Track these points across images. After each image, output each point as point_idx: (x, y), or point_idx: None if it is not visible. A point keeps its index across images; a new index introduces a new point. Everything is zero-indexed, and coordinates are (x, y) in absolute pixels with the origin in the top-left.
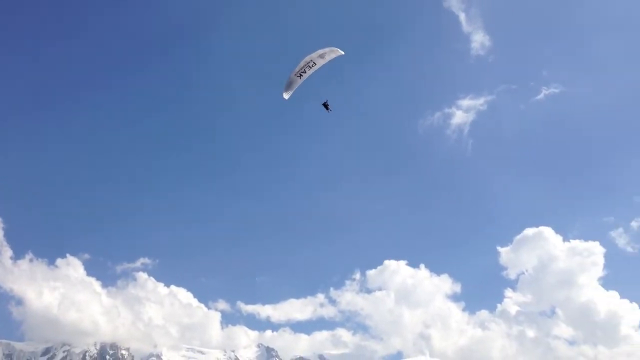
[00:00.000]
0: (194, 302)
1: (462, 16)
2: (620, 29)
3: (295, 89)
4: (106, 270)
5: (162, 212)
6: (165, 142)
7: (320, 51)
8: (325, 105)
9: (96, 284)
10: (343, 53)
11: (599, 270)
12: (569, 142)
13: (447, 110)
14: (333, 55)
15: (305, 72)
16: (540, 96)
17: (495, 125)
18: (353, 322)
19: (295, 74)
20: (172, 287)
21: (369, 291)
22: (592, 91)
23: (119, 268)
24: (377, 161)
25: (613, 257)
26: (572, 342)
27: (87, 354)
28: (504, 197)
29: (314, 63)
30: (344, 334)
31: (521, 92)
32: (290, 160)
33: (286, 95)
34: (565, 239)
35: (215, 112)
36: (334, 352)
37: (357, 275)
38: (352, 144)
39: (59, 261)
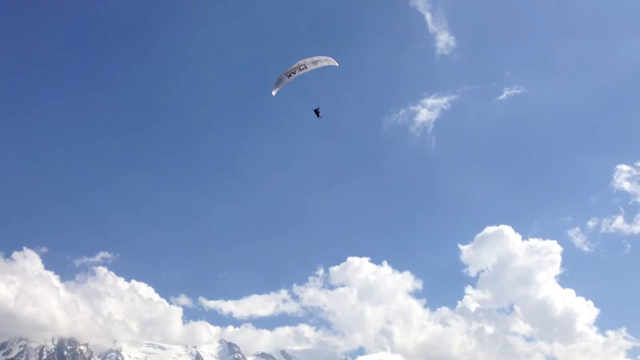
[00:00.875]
0: (155, 297)
1: (427, 16)
2: (579, 34)
3: (282, 87)
4: (65, 264)
5: (124, 206)
6: (126, 135)
7: (315, 58)
8: (316, 112)
9: (54, 278)
10: (337, 65)
11: (556, 269)
12: (529, 143)
13: (412, 107)
14: (326, 64)
15: (294, 73)
16: (503, 96)
17: (459, 125)
18: (316, 318)
19: (286, 74)
20: (133, 281)
21: (332, 287)
22: (551, 93)
23: (77, 262)
24: (341, 158)
25: (570, 256)
26: (529, 339)
27: (44, 349)
28: (465, 195)
29: (305, 67)
30: (306, 329)
31: (484, 92)
32: (254, 157)
33: (274, 92)
34: (524, 237)
35: (179, 106)
36: (297, 348)
37: (321, 272)
38: (316, 141)
39: (15, 254)
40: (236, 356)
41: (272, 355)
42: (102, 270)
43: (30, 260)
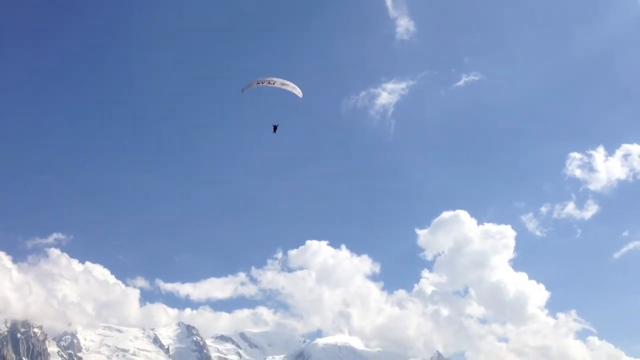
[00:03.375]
0: (111, 279)
1: (388, 1)
2: (537, 22)
3: (248, 89)
4: (16, 245)
5: (77, 188)
6: (83, 117)
7: (287, 82)
8: (275, 128)
9: (6, 259)
10: (300, 97)
11: (509, 253)
12: (486, 129)
13: (372, 90)
14: (291, 90)
15: (262, 83)
16: (461, 83)
17: (417, 110)
18: (274, 300)
19: (257, 81)
20: (88, 263)
21: (290, 270)
22: (508, 81)
23: (29, 243)
24: (300, 141)
25: (523, 240)
26: (483, 321)
27: None
28: (423, 180)
29: (274, 83)
30: (264, 312)
31: (442, 78)
32: (211, 139)
33: (243, 92)
34: (480, 222)
35: (138, 91)
36: (255, 330)
37: (279, 255)
38: (273, 122)
39: None
40: (195, 339)
41: (231, 338)
42: (55, 251)
43: None
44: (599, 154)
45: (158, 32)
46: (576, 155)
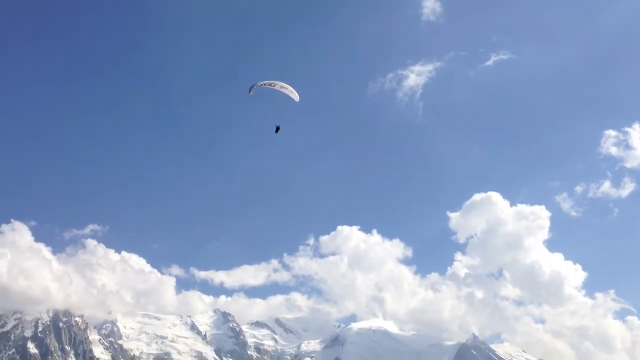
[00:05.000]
0: (147, 267)
1: None
2: None
3: (254, 90)
4: (54, 236)
5: (111, 179)
6: (115, 108)
7: (286, 85)
8: (277, 128)
9: (45, 250)
10: (297, 101)
11: (544, 234)
12: (517, 109)
13: (400, 72)
14: (288, 94)
15: (264, 85)
16: (489, 62)
17: (446, 91)
18: (307, 286)
19: (260, 83)
20: (124, 253)
21: (322, 256)
22: (539, 58)
23: (67, 235)
24: (329, 126)
25: (558, 221)
26: (518, 303)
27: (39, 321)
28: (453, 163)
29: (274, 85)
30: (298, 298)
31: (471, 58)
32: (242, 128)
33: (250, 93)
34: (513, 203)
35: (167, 81)
36: (290, 316)
37: (311, 241)
38: (303, 110)
39: (4, 227)
40: (231, 325)
41: (266, 324)
42: (91, 242)
43: (19, 233)
44: (634, 130)
45: (183, 25)
46: (611, 132)
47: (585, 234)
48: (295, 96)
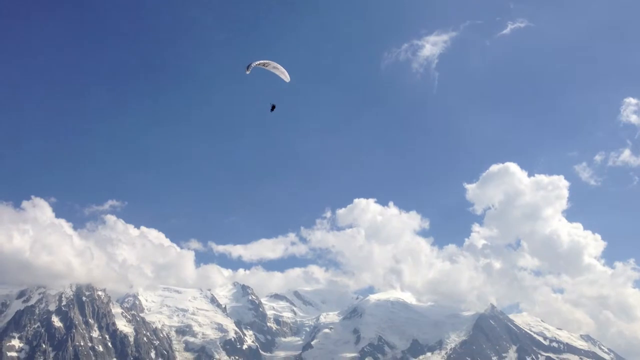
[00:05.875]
0: (166, 242)
1: None
2: None
3: (251, 68)
4: (74, 212)
5: (129, 155)
6: (131, 84)
7: (279, 66)
8: (273, 107)
9: (66, 226)
10: (287, 81)
11: (563, 204)
12: (534, 78)
13: (415, 42)
14: (279, 75)
15: (259, 65)
16: (506, 31)
17: (462, 61)
18: (325, 259)
19: (256, 63)
20: (143, 228)
21: (339, 229)
22: (557, 26)
23: (87, 211)
24: (344, 98)
25: (577, 191)
26: (537, 273)
27: (62, 295)
28: (470, 134)
29: (267, 65)
30: (316, 270)
31: (487, 27)
32: (259, 102)
33: (248, 71)
34: (531, 174)
35: (182, 54)
36: (308, 288)
37: (328, 214)
38: (318, 82)
39: (24, 203)
40: (250, 298)
41: (285, 296)
42: (111, 218)
43: (40, 209)
44: None
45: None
46: (631, 100)
47: (605, 203)
48: (285, 77)
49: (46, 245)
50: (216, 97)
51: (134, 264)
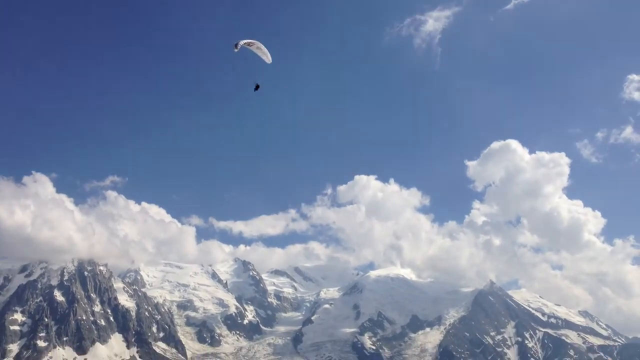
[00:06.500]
0: (167, 218)
1: None
2: None
3: (239, 47)
4: (75, 188)
5: (129, 131)
6: (133, 60)
7: (262, 47)
8: (257, 86)
9: (68, 201)
10: (269, 63)
11: (563, 181)
12: (537, 54)
13: (418, 17)
14: (261, 55)
15: (245, 42)
16: (509, 6)
17: (464, 37)
18: (325, 235)
19: (244, 42)
20: (144, 204)
21: (340, 205)
22: (559, 1)
23: (87, 186)
24: (344, 74)
25: (578, 168)
26: (536, 250)
27: (65, 270)
28: (472, 110)
29: (252, 45)
30: (316, 247)
31: (490, 2)
32: (261, 77)
33: (235, 49)
34: (532, 151)
35: (184, 30)
36: (308, 264)
37: (329, 191)
38: (319, 57)
39: (25, 179)
40: (251, 273)
41: (285, 272)
42: (112, 193)
43: (41, 185)
44: None
45: None
46: (634, 77)
47: (606, 180)
48: (267, 58)
49: (48, 221)
50: (217, 72)
51: (135, 240)
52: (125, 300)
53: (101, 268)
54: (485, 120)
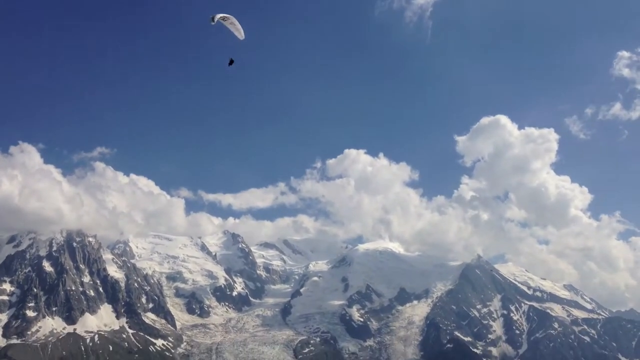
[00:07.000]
0: (156, 190)
1: None
2: None
3: (216, 19)
4: (62, 159)
5: (118, 102)
6: (122, 31)
7: (236, 22)
8: (231, 61)
9: (55, 172)
10: (241, 39)
11: (552, 156)
12: (528, 29)
13: None
14: (233, 31)
15: (221, 17)
16: None
17: (456, 10)
18: (314, 209)
19: (220, 16)
20: (132, 175)
21: (329, 179)
22: None
23: (75, 157)
24: (334, 47)
25: (566, 144)
26: (523, 225)
27: (53, 241)
28: (461, 85)
29: (226, 20)
30: (305, 220)
31: None
32: (247, 49)
33: (212, 22)
34: (521, 126)
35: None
36: (297, 237)
37: (318, 164)
38: (309, 31)
39: (12, 149)
40: (240, 246)
41: (274, 245)
42: (100, 165)
43: (28, 155)
44: None
45: None
46: (624, 53)
47: (594, 156)
48: (240, 34)
49: (35, 191)
50: (207, 44)
51: (124, 211)
52: (114, 272)
53: (90, 239)
54: (475, 95)
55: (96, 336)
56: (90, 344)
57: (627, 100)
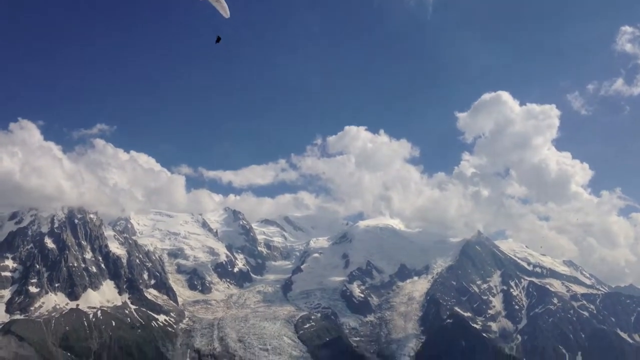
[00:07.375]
0: (157, 167)
1: None
2: None
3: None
4: (62, 136)
5: (118, 78)
6: (123, 6)
7: (222, 1)
8: (218, 38)
9: (56, 149)
10: (227, 17)
11: (553, 133)
12: (529, 5)
13: None
14: (219, 9)
15: None
16: None
17: None
18: (315, 185)
19: None
20: (133, 152)
21: (329, 156)
22: None
23: (75, 134)
24: (334, 24)
25: (568, 120)
26: (524, 201)
27: (55, 218)
28: (463, 61)
29: None
30: (306, 197)
31: None
32: (248, 26)
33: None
34: (522, 103)
35: None
36: (298, 214)
37: (319, 141)
38: (308, 8)
39: (12, 125)
40: (241, 223)
41: (275, 221)
42: (100, 142)
43: (28, 132)
44: None
45: None
46: (627, 28)
47: (595, 132)
48: (225, 12)
49: (36, 168)
50: (209, 22)
51: (125, 188)
52: (116, 248)
53: (91, 216)
54: (476, 71)
55: (99, 312)
56: (94, 320)
57: (630, 75)
